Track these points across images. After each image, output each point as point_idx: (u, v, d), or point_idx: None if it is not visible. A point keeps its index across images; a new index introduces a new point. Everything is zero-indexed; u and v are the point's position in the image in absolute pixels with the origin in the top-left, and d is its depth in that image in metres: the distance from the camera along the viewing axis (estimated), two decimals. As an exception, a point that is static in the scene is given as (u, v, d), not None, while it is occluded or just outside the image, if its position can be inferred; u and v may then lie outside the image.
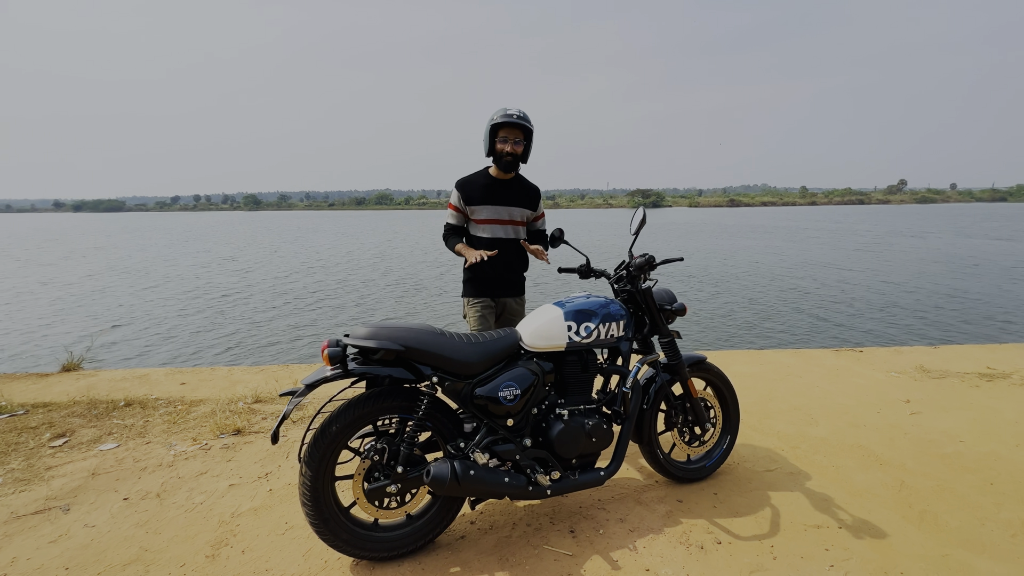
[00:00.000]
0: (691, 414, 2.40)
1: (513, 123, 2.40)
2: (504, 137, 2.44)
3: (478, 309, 2.56)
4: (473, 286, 2.60)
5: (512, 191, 2.58)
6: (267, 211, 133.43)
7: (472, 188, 2.55)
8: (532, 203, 2.63)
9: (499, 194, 2.55)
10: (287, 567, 1.85)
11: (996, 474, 2.47)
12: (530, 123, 2.45)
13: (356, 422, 1.80)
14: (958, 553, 1.91)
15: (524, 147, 2.49)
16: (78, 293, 13.29)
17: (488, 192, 2.54)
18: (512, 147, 2.44)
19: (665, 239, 26.60)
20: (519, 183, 2.62)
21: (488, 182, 2.55)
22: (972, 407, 3.27)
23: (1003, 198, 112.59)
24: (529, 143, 2.50)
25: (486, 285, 2.58)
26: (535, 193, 2.66)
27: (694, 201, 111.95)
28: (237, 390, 3.65)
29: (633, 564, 1.87)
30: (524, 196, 2.61)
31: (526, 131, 2.46)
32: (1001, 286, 12.23)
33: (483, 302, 2.58)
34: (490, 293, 2.60)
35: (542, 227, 2.75)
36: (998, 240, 23.67)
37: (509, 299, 2.64)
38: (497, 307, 2.63)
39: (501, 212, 2.55)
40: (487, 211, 2.54)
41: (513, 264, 2.63)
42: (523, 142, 2.48)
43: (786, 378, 3.87)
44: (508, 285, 2.63)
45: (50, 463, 2.62)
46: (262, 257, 21.12)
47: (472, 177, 2.59)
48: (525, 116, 2.44)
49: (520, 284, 2.69)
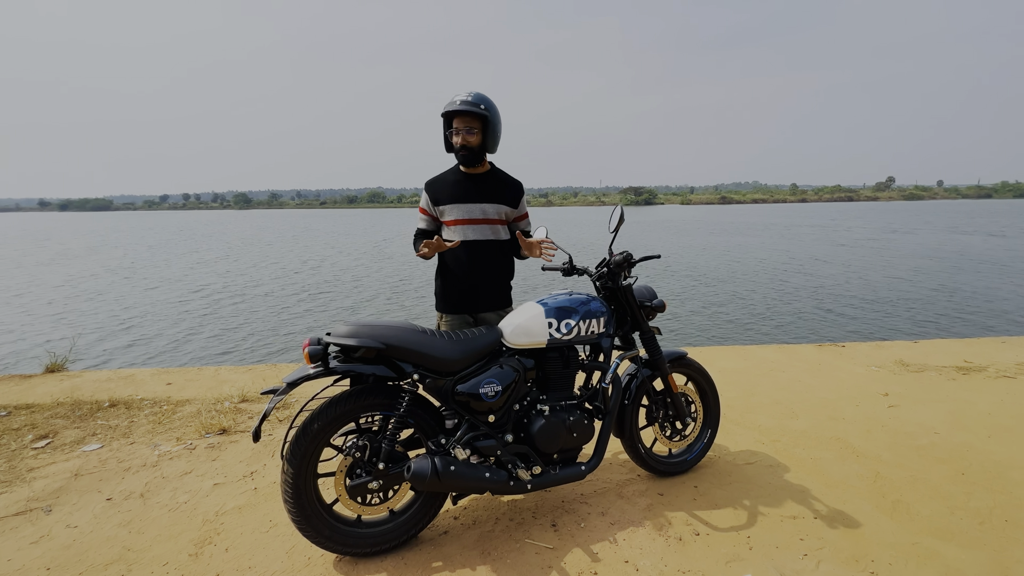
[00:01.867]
0: (672, 409, 2.44)
1: (460, 110, 2.10)
2: (456, 128, 2.14)
3: (454, 328, 2.27)
4: (446, 300, 2.30)
5: (486, 186, 2.27)
6: (258, 210, 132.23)
7: (440, 187, 2.28)
8: (511, 200, 2.30)
9: (469, 191, 2.24)
10: (270, 564, 1.87)
11: (968, 464, 2.54)
12: (481, 106, 2.10)
13: (338, 419, 1.82)
14: (928, 541, 1.97)
15: (480, 135, 2.16)
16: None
17: (457, 189, 2.24)
18: (464, 138, 2.14)
19: (660, 237, 26.73)
20: (494, 177, 2.30)
21: (458, 178, 2.26)
22: (948, 400, 3.35)
23: (988, 195, 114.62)
24: (488, 129, 2.15)
25: (461, 299, 2.27)
26: (515, 188, 2.33)
27: (686, 199, 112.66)
28: (223, 390, 3.64)
29: (613, 556, 1.90)
30: (500, 192, 2.28)
31: (480, 117, 2.12)
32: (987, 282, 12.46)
33: (459, 319, 2.29)
34: (467, 308, 2.28)
35: (526, 228, 2.43)
36: (992, 236, 23.93)
37: (490, 314, 2.30)
38: (477, 323, 2.30)
39: (473, 211, 2.23)
40: (456, 210, 2.24)
41: (492, 271, 2.29)
42: (477, 131, 2.14)
43: (769, 373, 3.94)
44: (488, 297, 2.29)
45: (32, 464, 2.61)
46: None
47: (442, 175, 2.31)
48: (476, 99, 2.10)
49: (503, 295, 2.36)
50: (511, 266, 2.41)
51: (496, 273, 2.32)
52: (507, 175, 2.36)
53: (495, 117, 2.17)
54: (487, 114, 2.13)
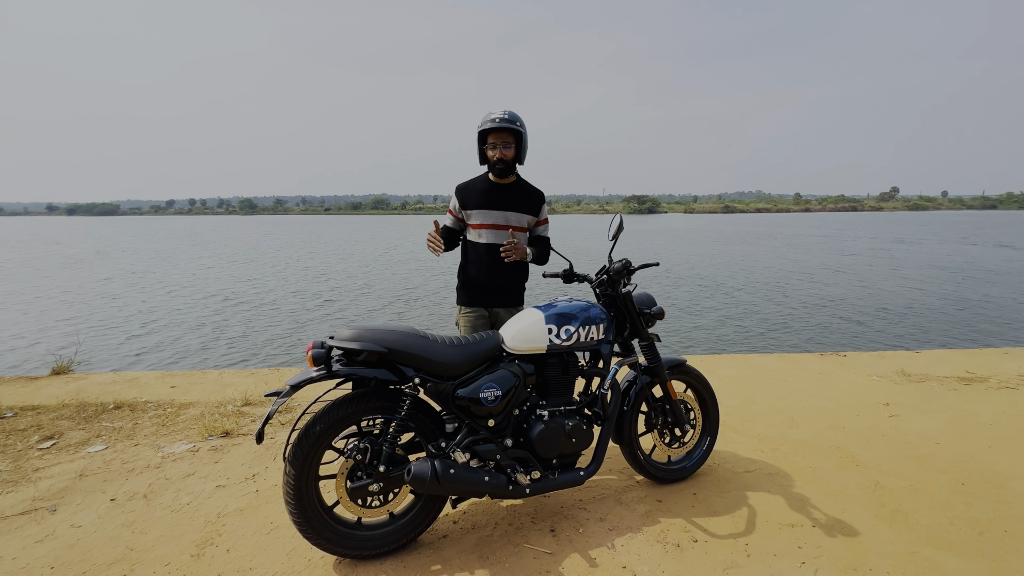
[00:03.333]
0: (671, 416, 2.45)
1: (499, 128, 2.32)
2: (493, 143, 2.37)
3: (470, 319, 2.50)
4: (466, 294, 2.53)
5: (512, 196, 2.48)
6: (263, 215, 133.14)
7: (469, 192, 2.49)
8: (533, 208, 2.52)
9: (497, 199, 2.46)
10: (271, 565, 1.88)
11: (968, 475, 2.53)
12: (517, 123, 2.33)
13: (340, 422, 1.84)
14: (926, 550, 1.97)
15: (515, 149, 2.39)
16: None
17: (486, 197, 2.46)
18: (501, 152, 2.36)
19: (666, 245, 26.73)
20: (520, 187, 2.52)
21: (487, 187, 2.48)
22: (949, 410, 3.34)
23: (993, 206, 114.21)
24: (520, 144, 2.39)
25: (479, 294, 2.50)
26: (537, 198, 2.54)
27: (689, 207, 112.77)
28: (227, 393, 3.67)
29: (611, 562, 1.91)
30: (524, 201, 2.50)
31: (514, 133, 2.35)
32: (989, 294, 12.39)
33: (476, 312, 2.50)
34: (483, 303, 2.51)
35: (544, 233, 2.61)
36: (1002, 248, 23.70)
37: (502, 310, 2.53)
38: (491, 317, 2.54)
39: (498, 217, 2.45)
40: (483, 216, 2.46)
41: (509, 273, 2.50)
42: (512, 145, 2.37)
43: (770, 382, 3.94)
44: (503, 295, 2.52)
45: (38, 465, 2.64)
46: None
47: (472, 181, 2.53)
48: (511, 117, 2.33)
49: (516, 294, 2.57)
50: (526, 269, 2.60)
51: (513, 275, 2.53)
52: (531, 185, 2.57)
53: (526, 132, 2.40)
54: (522, 130, 2.36)
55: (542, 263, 2.62)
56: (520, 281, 2.58)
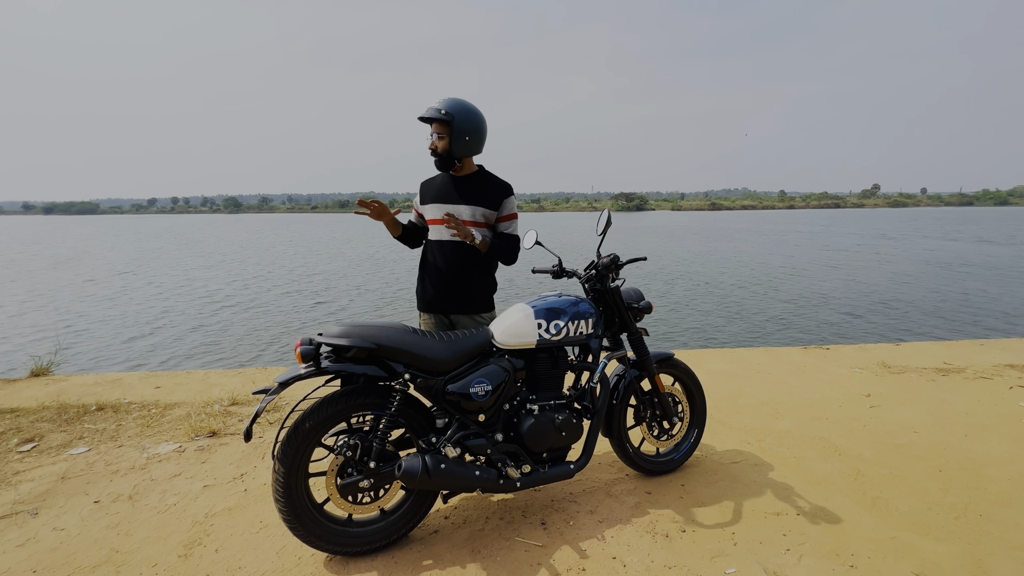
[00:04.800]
0: (659, 409, 2.48)
1: (427, 117, 2.19)
2: (430, 133, 2.24)
3: (430, 327, 2.34)
4: (422, 298, 2.36)
5: (468, 188, 2.28)
6: (248, 214, 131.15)
7: (427, 187, 2.38)
8: (491, 202, 2.27)
9: (450, 192, 2.28)
10: (260, 564, 1.87)
11: (945, 462, 2.61)
12: (443, 112, 2.14)
13: (329, 419, 1.83)
14: (905, 535, 2.03)
15: (448, 140, 2.18)
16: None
17: (440, 190, 2.31)
18: (433, 142, 2.22)
19: (658, 242, 26.91)
20: (481, 179, 2.31)
21: (444, 180, 2.33)
22: (927, 400, 3.44)
23: (970, 202, 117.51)
24: (455, 133, 2.17)
25: (434, 298, 2.30)
26: (500, 190, 2.29)
27: (677, 204, 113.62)
28: (213, 392, 3.62)
29: (601, 553, 1.93)
30: (482, 194, 2.27)
31: (445, 123, 2.17)
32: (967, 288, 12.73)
33: (435, 319, 2.33)
34: (440, 308, 2.31)
35: (510, 230, 2.33)
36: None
37: (463, 317, 2.30)
38: (452, 326, 2.32)
39: (449, 211, 2.26)
40: (435, 210, 2.29)
41: (466, 272, 2.27)
42: (445, 136, 2.19)
43: (755, 375, 4.00)
44: (461, 298, 2.29)
45: (17, 468, 2.58)
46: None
47: (434, 176, 2.39)
48: (441, 105, 2.16)
49: (480, 300, 2.32)
50: (489, 269, 2.35)
51: (470, 275, 2.28)
52: (495, 178, 2.35)
53: (462, 122, 2.17)
54: (450, 120, 2.15)
55: (505, 261, 2.33)
56: (482, 283, 2.32)
